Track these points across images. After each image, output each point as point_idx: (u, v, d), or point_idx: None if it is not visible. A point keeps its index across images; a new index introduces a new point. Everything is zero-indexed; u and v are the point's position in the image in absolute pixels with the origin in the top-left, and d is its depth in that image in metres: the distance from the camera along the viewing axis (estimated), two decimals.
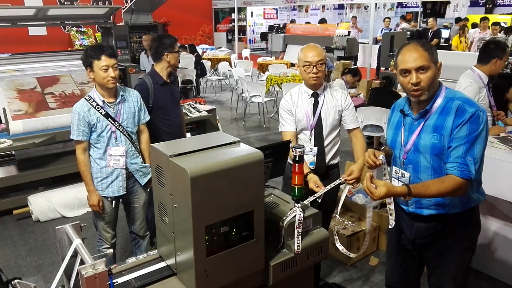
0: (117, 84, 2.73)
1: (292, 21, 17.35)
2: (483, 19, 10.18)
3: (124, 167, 2.76)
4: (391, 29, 11.84)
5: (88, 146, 2.71)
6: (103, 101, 2.67)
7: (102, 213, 2.78)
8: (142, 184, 2.89)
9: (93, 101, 2.65)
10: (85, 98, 2.67)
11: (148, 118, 2.95)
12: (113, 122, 2.69)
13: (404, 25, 12.09)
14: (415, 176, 1.94)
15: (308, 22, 16.23)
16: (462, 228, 1.94)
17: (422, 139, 1.88)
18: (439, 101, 1.86)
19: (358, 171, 2.48)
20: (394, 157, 2.07)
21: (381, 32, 11.57)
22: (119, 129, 2.72)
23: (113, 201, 2.81)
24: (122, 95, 2.75)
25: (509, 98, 3.93)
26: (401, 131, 2.00)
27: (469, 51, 9.84)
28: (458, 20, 11.60)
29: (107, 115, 2.67)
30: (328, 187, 2.27)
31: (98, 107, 2.65)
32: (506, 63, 3.37)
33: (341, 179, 2.37)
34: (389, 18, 12.50)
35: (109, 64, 2.59)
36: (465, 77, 3.38)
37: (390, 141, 2.08)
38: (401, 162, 1.99)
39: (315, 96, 2.61)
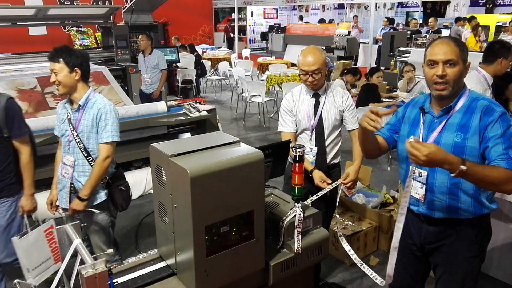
0: (89, 92, 2.54)
1: (301, 17, 17.39)
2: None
3: (70, 180, 2.56)
4: (390, 29, 11.83)
5: None
6: (65, 103, 2.60)
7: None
8: (89, 206, 2.58)
9: (66, 102, 2.60)
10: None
11: (105, 140, 2.51)
12: (72, 129, 2.53)
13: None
14: (431, 176, 1.89)
15: (307, 22, 16.26)
16: (472, 234, 1.90)
17: (443, 138, 1.84)
18: (462, 101, 1.84)
19: (354, 173, 2.49)
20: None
21: (381, 31, 11.55)
22: (75, 139, 2.52)
23: (63, 212, 2.66)
24: (79, 105, 2.52)
25: (508, 96, 3.92)
26: (419, 128, 1.94)
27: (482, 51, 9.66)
28: (457, 19, 11.58)
29: (69, 120, 2.55)
30: (324, 191, 2.28)
31: (66, 109, 2.58)
32: (511, 63, 3.36)
33: (337, 183, 2.38)
34: (387, 18, 12.48)
35: (51, 68, 2.45)
36: (470, 78, 3.36)
37: (406, 137, 1.95)
38: None
39: (316, 96, 2.61)
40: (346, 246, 2.08)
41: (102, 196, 2.61)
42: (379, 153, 2.13)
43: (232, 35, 16.59)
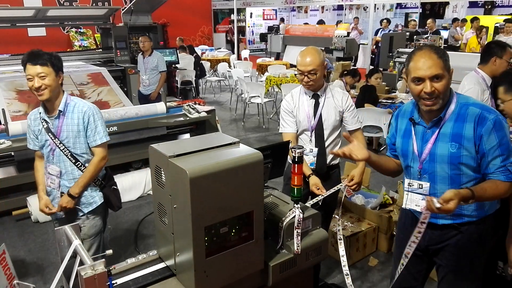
0: (66, 97, 2.44)
1: (282, 20, 17.41)
2: (508, 21, 9.23)
3: (58, 189, 2.49)
4: (390, 30, 11.84)
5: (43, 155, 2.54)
6: (40, 113, 2.45)
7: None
8: (85, 212, 2.53)
9: (41, 111, 2.46)
10: (40, 106, 2.47)
11: (99, 142, 2.49)
12: (53, 138, 2.41)
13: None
14: (432, 186, 1.88)
15: (306, 23, 16.27)
16: (477, 234, 1.90)
17: (438, 148, 1.82)
18: (452, 107, 1.81)
19: (359, 176, 2.50)
20: (406, 167, 1.99)
21: (381, 33, 11.55)
22: (59, 147, 2.42)
23: (56, 223, 2.56)
24: (60, 110, 2.41)
25: (499, 97, 3.91)
26: (412, 140, 1.92)
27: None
28: (454, 20, 11.61)
29: (48, 129, 2.42)
30: (328, 192, 2.30)
31: (42, 119, 2.44)
32: (508, 62, 3.33)
33: (341, 185, 2.39)
34: (387, 19, 12.50)
35: (33, 73, 2.29)
36: (468, 79, 3.36)
37: (400, 150, 2.00)
38: (417, 172, 1.92)
39: (316, 97, 2.61)
40: (342, 251, 2.08)
41: (97, 200, 2.56)
42: (400, 170, 2.12)
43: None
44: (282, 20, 17.46)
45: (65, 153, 2.43)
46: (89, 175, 2.48)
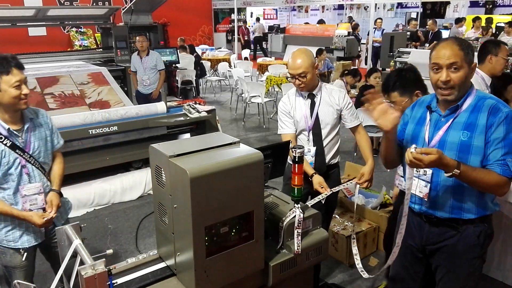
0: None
1: (257, 19, 17.68)
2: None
3: (43, 206, 2.22)
4: (383, 30, 11.79)
5: None
6: (8, 129, 2.10)
7: (13, 268, 2.29)
8: (63, 222, 2.36)
9: (7, 127, 2.11)
10: None
11: (62, 142, 2.38)
12: (22, 154, 2.13)
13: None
14: (436, 174, 1.88)
15: (306, 23, 16.28)
16: (475, 235, 1.89)
17: (449, 136, 1.83)
18: (469, 100, 1.83)
19: (368, 173, 2.51)
20: None
21: (374, 32, 11.46)
22: (30, 162, 2.16)
23: (25, 253, 2.26)
24: (31, 119, 2.20)
25: (507, 97, 3.90)
26: (424, 126, 1.93)
27: None
28: (458, 20, 11.58)
29: (13, 147, 2.11)
30: (336, 189, 2.30)
31: (1, 138, 2.09)
32: (505, 60, 3.32)
33: (352, 182, 2.39)
34: (380, 19, 12.44)
35: (22, 78, 2.06)
36: None
37: (410, 136, 2.00)
38: None
39: (311, 97, 2.61)
40: (355, 250, 2.09)
41: (71, 206, 2.49)
42: (400, 161, 2.12)
43: (246, 38, 16.41)
44: (257, 19, 17.51)
45: (36, 166, 2.20)
46: (62, 174, 2.34)
